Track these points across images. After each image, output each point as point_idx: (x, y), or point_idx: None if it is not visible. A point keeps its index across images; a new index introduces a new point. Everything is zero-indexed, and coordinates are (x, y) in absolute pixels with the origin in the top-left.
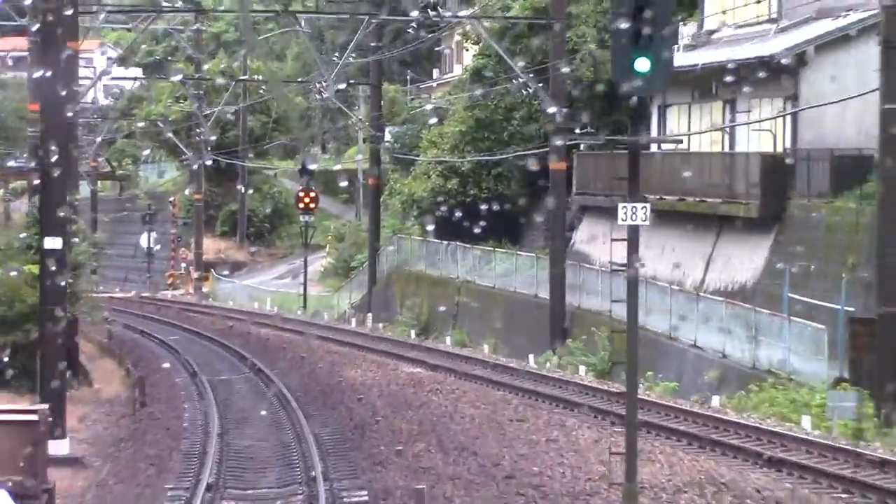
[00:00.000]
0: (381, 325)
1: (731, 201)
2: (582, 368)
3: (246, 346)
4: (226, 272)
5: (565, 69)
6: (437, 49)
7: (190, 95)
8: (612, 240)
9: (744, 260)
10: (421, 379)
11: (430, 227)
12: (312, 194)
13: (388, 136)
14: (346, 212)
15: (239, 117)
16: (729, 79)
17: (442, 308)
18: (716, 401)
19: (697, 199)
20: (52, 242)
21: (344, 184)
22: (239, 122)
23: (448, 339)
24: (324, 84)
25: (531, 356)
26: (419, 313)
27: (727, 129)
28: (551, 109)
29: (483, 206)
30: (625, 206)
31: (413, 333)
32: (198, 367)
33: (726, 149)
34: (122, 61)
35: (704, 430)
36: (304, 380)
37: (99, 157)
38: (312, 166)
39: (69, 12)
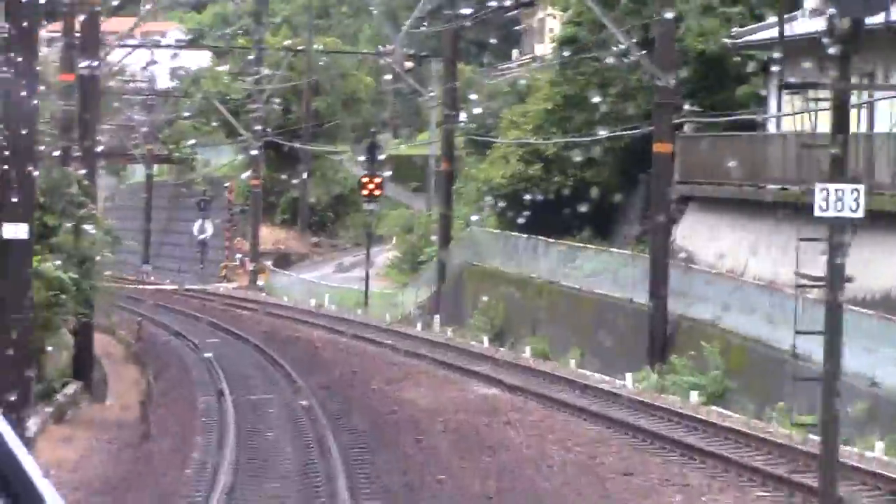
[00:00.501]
0: (450, 329)
1: (874, 192)
2: (693, 394)
3: (292, 355)
4: (285, 264)
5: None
6: (516, 28)
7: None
8: (800, 239)
9: (887, 263)
10: (496, 404)
11: (520, 220)
12: (378, 180)
13: (463, 116)
14: (415, 201)
15: (302, 97)
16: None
17: (521, 311)
18: (878, 448)
19: None
20: (13, 230)
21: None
22: (302, 102)
23: (527, 350)
24: (390, 50)
25: (629, 376)
26: (493, 316)
27: (864, 107)
28: (659, 81)
29: (569, 196)
30: (825, 190)
31: (486, 340)
32: (228, 383)
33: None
34: (191, 42)
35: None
36: (352, 405)
37: (158, 140)
38: (379, 149)
39: None
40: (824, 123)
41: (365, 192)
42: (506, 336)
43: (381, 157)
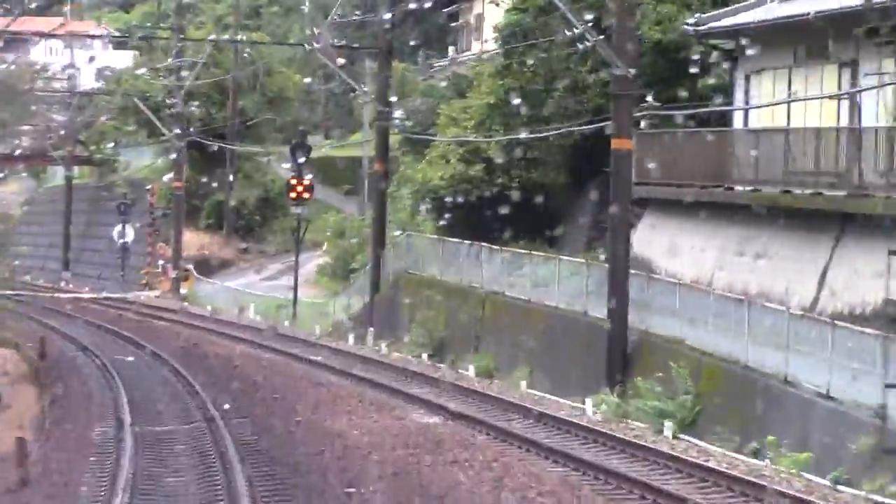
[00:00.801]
0: (384, 343)
1: (858, 194)
2: (667, 425)
3: (208, 375)
4: (210, 270)
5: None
6: (453, 24)
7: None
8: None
9: (874, 273)
10: (440, 436)
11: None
12: (306, 182)
13: (399, 114)
14: (347, 204)
15: (227, 95)
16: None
17: (462, 324)
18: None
19: (809, 191)
20: None
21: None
22: (228, 101)
23: (471, 368)
24: (316, 34)
25: (589, 402)
26: (432, 329)
27: (849, 99)
28: (617, 69)
29: (513, 198)
30: None
31: (425, 356)
32: (131, 410)
33: (843, 124)
34: (119, 44)
35: None
36: (273, 441)
37: (78, 141)
38: (307, 149)
39: None
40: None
41: (293, 194)
42: (446, 351)
43: (309, 157)
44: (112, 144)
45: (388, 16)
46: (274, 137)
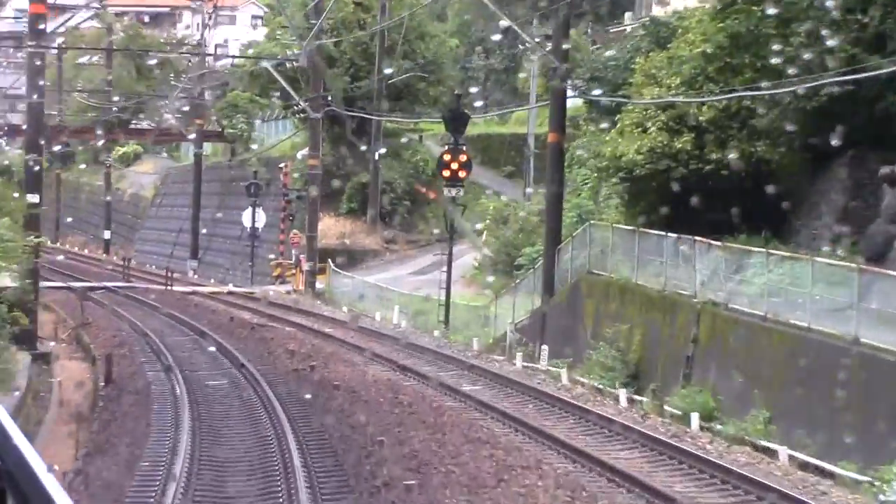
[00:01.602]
0: (561, 364)
1: None
2: None
3: (327, 414)
4: (351, 263)
5: None
6: None
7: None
8: None
9: None
10: None
11: (661, 211)
12: (462, 158)
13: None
14: (508, 188)
15: (374, 60)
16: None
17: (666, 344)
18: None
19: None
20: None
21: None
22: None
23: (694, 420)
24: None
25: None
26: (627, 350)
27: None
28: None
29: (731, 178)
30: None
31: (623, 395)
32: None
33: None
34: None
35: None
36: None
37: (211, 115)
38: (466, 119)
39: None
40: None
41: (446, 173)
42: (644, 378)
43: (465, 129)
44: (245, 118)
45: None
46: (426, 112)
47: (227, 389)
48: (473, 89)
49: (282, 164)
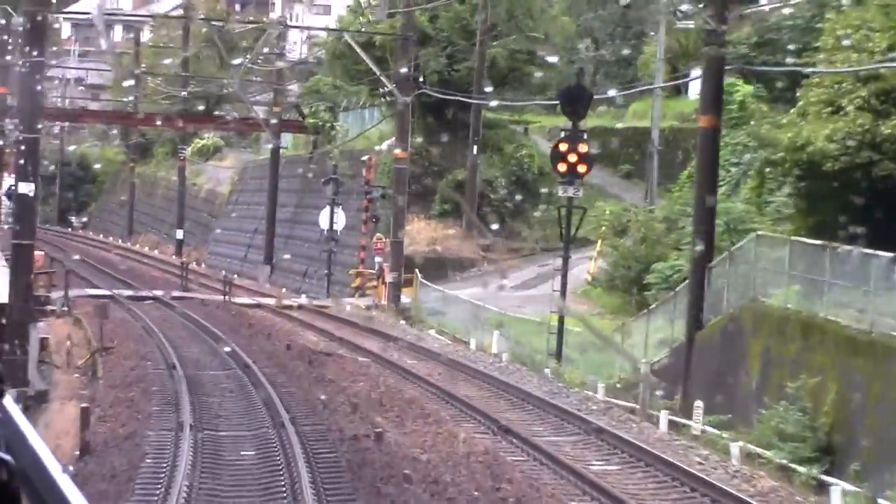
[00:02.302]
0: (726, 434)
1: None
2: None
3: None
4: (442, 273)
5: None
6: None
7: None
8: None
9: None
10: None
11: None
12: (582, 148)
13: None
14: (627, 191)
15: (475, 39)
16: None
17: (876, 408)
18: None
19: None
20: None
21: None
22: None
23: None
24: None
25: None
26: (815, 412)
27: None
28: None
29: None
30: None
31: (838, 499)
32: None
33: None
34: None
35: None
36: None
37: (292, 102)
38: (583, 100)
39: None
40: None
41: (562, 167)
42: (842, 456)
43: (585, 114)
44: (328, 106)
45: None
46: (532, 99)
47: (251, 470)
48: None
49: (364, 158)
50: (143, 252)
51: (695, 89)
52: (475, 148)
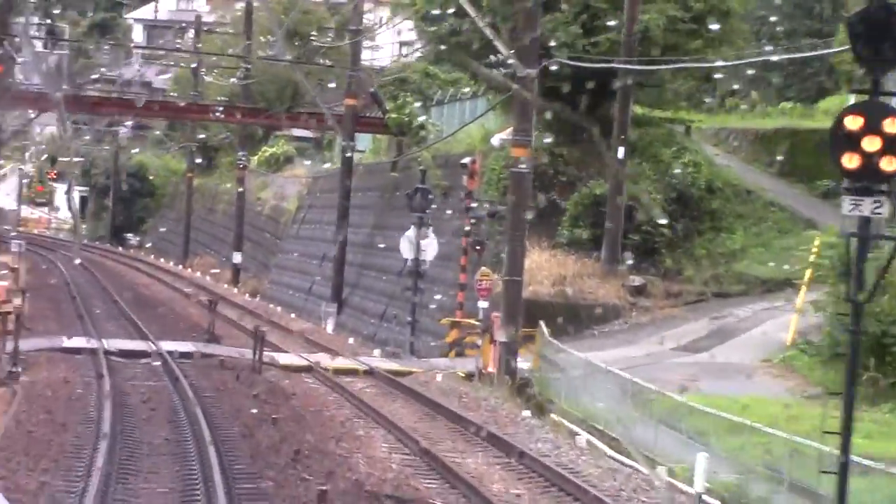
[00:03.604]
0: None
1: None
2: None
3: None
4: (575, 325)
5: None
6: None
7: None
8: None
9: None
10: None
11: None
12: (892, 127)
13: None
14: (826, 214)
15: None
16: None
17: None
18: None
19: None
20: None
21: None
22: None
23: None
24: None
25: None
26: None
27: None
28: None
29: None
30: None
31: None
32: None
33: None
34: None
35: None
36: None
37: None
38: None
39: None
40: None
41: (851, 160)
42: None
43: None
44: (421, 100)
45: None
46: (696, 90)
47: None
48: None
49: (465, 160)
50: (193, 278)
51: None
52: (621, 150)
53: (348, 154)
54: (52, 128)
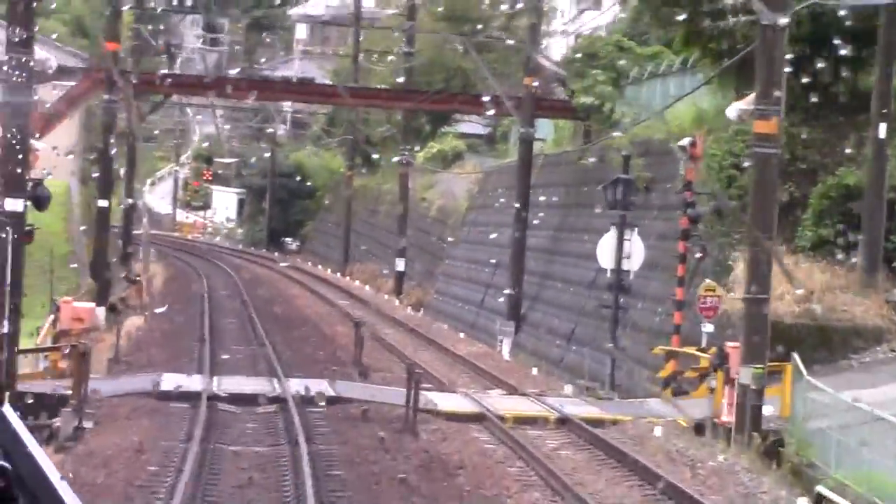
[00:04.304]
0: None
1: None
2: None
3: None
4: (838, 353)
5: None
6: None
7: None
8: None
9: None
10: None
11: None
12: None
13: None
14: None
15: None
16: None
17: None
18: None
19: None
20: None
21: None
22: None
23: None
24: None
25: None
26: None
27: None
28: None
29: None
30: None
31: None
32: None
33: None
34: None
35: None
36: None
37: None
38: None
39: None
40: None
41: None
42: None
43: None
44: (612, 81)
45: None
46: None
47: None
48: None
49: (683, 142)
50: (351, 288)
51: None
52: (882, 128)
53: (529, 139)
54: (210, 127)
